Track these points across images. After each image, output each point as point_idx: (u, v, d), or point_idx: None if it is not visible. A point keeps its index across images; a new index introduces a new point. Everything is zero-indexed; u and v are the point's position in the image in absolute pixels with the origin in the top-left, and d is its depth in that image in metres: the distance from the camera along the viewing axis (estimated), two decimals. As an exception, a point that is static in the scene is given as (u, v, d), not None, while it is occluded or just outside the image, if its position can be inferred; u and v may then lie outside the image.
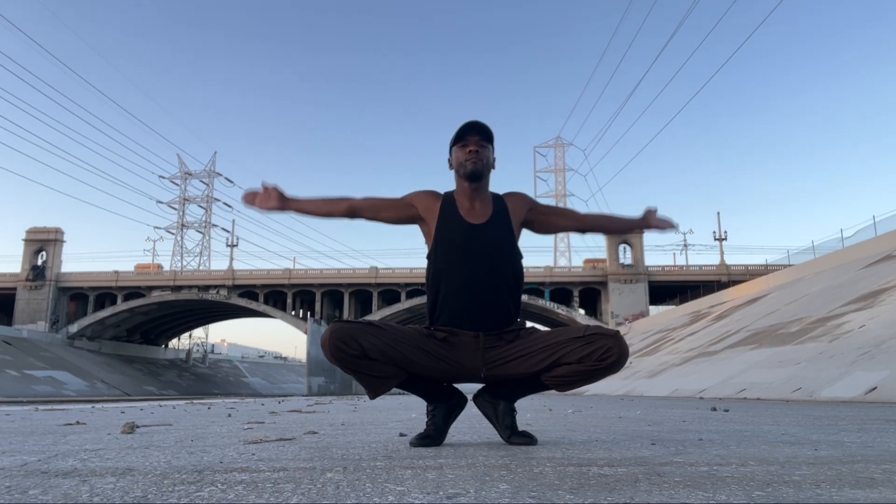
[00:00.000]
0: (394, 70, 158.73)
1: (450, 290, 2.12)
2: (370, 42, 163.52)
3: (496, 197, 2.23)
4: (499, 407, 2.22)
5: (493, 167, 2.20)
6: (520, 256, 2.22)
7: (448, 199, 2.20)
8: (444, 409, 2.22)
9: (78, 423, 3.86)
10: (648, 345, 27.69)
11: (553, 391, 2.16)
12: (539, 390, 2.19)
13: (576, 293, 54.25)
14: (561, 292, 54.49)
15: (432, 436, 2.16)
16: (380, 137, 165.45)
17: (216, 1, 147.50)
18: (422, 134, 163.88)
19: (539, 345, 2.06)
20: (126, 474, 1.45)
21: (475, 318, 2.10)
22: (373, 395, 2.10)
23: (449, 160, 2.22)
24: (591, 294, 55.29)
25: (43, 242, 57.75)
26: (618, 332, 2.06)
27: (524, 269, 2.25)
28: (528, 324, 2.25)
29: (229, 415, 5.03)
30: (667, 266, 55.73)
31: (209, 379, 68.10)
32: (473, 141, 2.13)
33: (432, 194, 2.23)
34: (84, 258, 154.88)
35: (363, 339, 1.98)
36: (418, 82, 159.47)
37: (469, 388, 2.25)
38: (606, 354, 1.97)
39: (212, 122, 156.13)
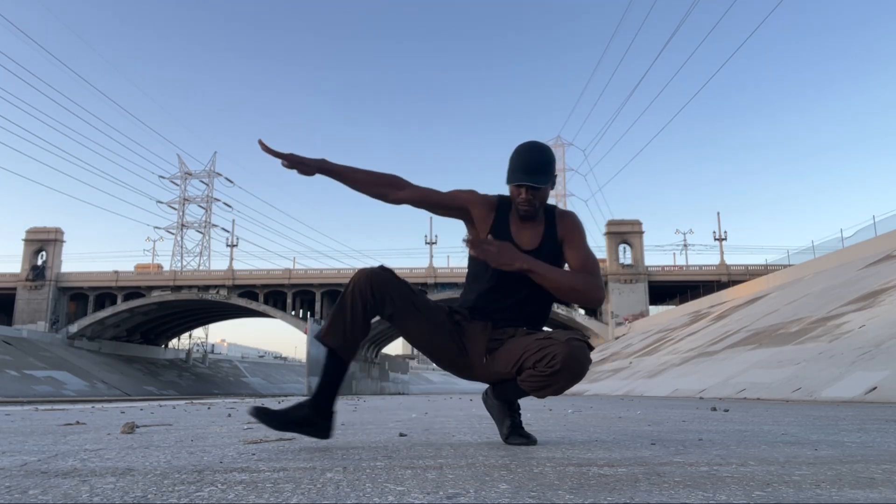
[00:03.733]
0: (395, 69, 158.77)
1: (481, 304, 2.16)
2: (371, 41, 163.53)
3: (549, 216, 2.20)
4: (498, 407, 2.26)
5: (553, 188, 2.17)
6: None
7: (502, 211, 2.18)
8: (306, 413, 2.04)
9: (78, 423, 3.86)
10: (648, 345, 27.67)
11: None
12: (524, 393, 2.12)
13: (576, 293, 54.18)
14: (561, 292, 54.41)
15: (273, 414, 2.02)
16: (381, 136, 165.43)
17: (216, 1, 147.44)
18: (423, 131, 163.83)
19: (517, 346, 2.04)
20: (126, 474, 1.45)
21: (497, 322, 2.14)
22: (325, 337, 2.03)
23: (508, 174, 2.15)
24: (591, 294, 55.22)
25: (43, 242, 57.73)
26: (575, 339, 1.92)
27: None
28: None
29: (229, 415, 5.03)
30: (667, 266, 55.72)
31: (209, 379, 68.07)
32: (527, 188, 2.09)
33: (488, 202, 2.19)
34: (84, 258, 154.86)
35: (390, 290, 2.03)
36: (419, 81, 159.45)
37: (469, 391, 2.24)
38: (552, 362, 1.90)
39: (212, 122, 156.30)
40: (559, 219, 2.20)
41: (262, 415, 1.99)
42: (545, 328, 2.23)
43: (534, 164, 2.08)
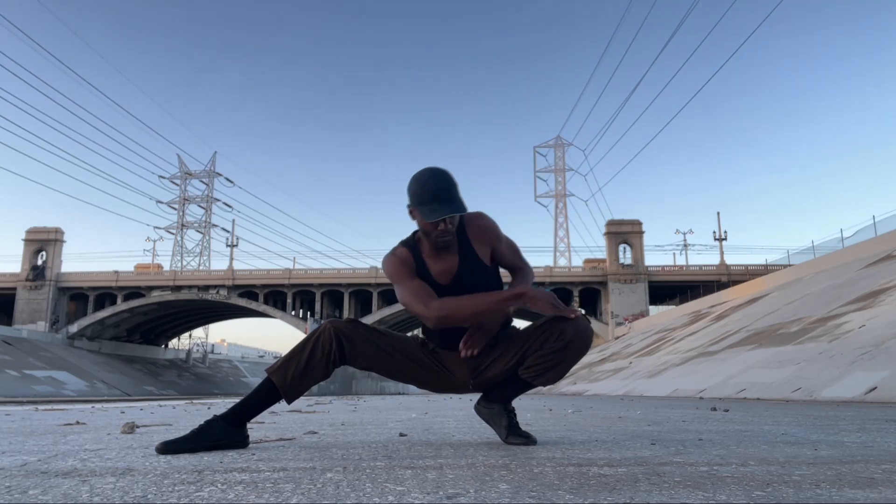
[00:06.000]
0: (393, 69, 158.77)
1: (433, 335, 2.16)
2: (369, 41, 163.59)
3: (460, 234, 2.08)
4: (494, 411, 2.26)
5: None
6: (497, 286, 2.11)
7: (415, 255, 2.07)
8: (219, 427, 2.01)
9: (78, 423, 3.86)
10: (648, 345, 27.68)
11: (549, 391, 2.15)
12: (524, 388, 2.20)
13: (576, 293, 54.26)
14: (561, 292, 54.44)
15: (189, 439, 1.95)
16: (379, 136, 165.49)
17: (216, 1, 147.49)
18: (422, 131, 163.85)
19: (513, 342, 2.11)
20: (126, 474, 1.45)
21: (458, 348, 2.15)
22: (280, 380, 2.04)
23: (411, 212, 2.01)
24: (591, 294, 55.30)
25: (43, 242, 57.75)
26: (580, 314, 2.05)
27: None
28: (514, 321, 2.26)
29: (229, 415, 5.01)
30: (667, 266, 55.76)
31: (209, 379, 68.10)
32: (443, 222, 1.96)
33: (408, 257, 2.07)
34: (84, 258, 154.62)
35: (360, 347, 2.06)
36: (418, 80, 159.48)
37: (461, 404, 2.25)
38: (562, 335, 2.00)
39: (212, 122, 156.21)
40: (471, 230, 2.09)
41: (173, 447, 1.90)
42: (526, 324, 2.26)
43: (445, 192, 1.94)
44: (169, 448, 1.89)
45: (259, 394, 2.07)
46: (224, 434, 2.01)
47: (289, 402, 2.06)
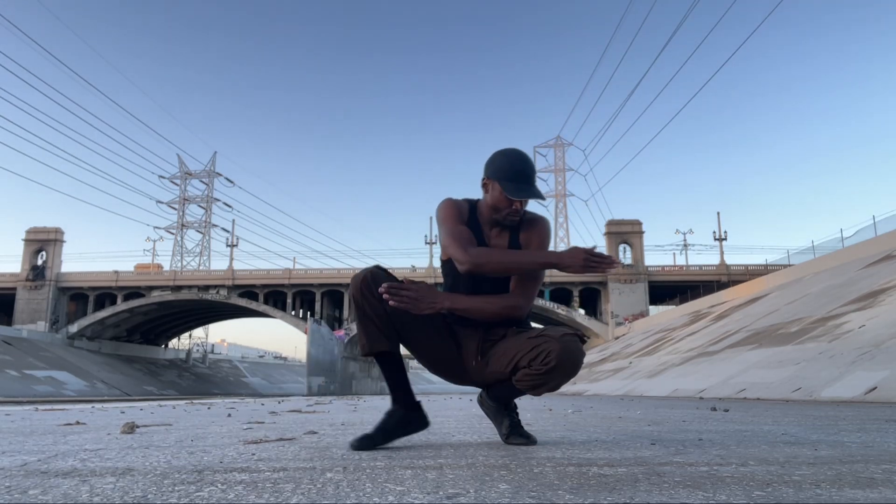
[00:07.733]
0: (394, 68, 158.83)
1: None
2: (369, 41, 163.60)
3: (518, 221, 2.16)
4: (494, 409, 2.26)
5: None
6: None
7: (473, 217, 2.15)
8: (399, 416, 2.12)
9: (78, 423, 3.86)
10: (648, 345, 27.68)
11: (552, 393, 2.13)
12: (520, 393, 2.14)
13: (576, 293, 54.25)
14: (561, 292, 54.46)
15: (374, 437, 2.05)
16: (380, 135, 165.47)
17: (216, 1, 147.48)
18: (422, 131, 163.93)
19: (511, 346, 2.05)
20: (126, 474, 1.45)
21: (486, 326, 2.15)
22: (368, 349, 2.06)
23: (485, 184, 2.10)
24: (591, 294, 55.29)
25: (43, 242, 57.73)
26: (567, 334, 1.97)
27: None
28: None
29: (229, 415, 5.02)
30: (667, 266, 55.74)
31: (209, 379, 68.06)
32: (519, 202, 2.07)
33: (460, 205, 2.15)
34: (84, 258, 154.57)
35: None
36: (418, 81, 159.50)
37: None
38: (547, 359, 1.92)
39: (212, 122, 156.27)
40: (525, 224, 2.17)
41: (369, 441, 2.02)
42: (533, 324, 2.24)
43: (530, 175, 2.05)
44: (366, 442, 2.00)
45: (386, 371, 2.11)
46: (405, 419, 2.12)
47: (397, 354, 2.09)
